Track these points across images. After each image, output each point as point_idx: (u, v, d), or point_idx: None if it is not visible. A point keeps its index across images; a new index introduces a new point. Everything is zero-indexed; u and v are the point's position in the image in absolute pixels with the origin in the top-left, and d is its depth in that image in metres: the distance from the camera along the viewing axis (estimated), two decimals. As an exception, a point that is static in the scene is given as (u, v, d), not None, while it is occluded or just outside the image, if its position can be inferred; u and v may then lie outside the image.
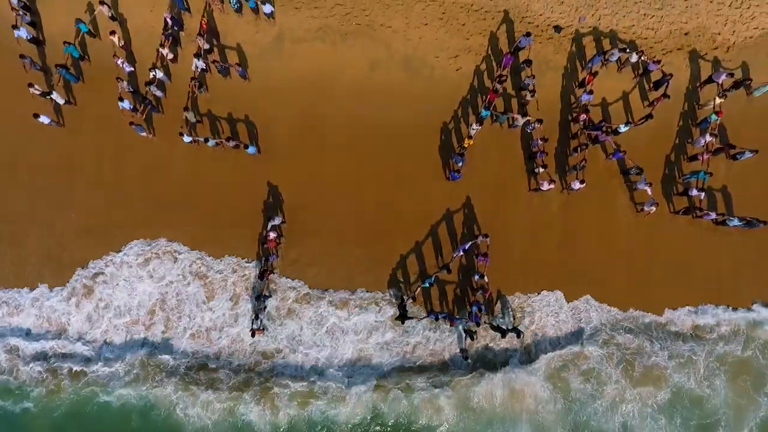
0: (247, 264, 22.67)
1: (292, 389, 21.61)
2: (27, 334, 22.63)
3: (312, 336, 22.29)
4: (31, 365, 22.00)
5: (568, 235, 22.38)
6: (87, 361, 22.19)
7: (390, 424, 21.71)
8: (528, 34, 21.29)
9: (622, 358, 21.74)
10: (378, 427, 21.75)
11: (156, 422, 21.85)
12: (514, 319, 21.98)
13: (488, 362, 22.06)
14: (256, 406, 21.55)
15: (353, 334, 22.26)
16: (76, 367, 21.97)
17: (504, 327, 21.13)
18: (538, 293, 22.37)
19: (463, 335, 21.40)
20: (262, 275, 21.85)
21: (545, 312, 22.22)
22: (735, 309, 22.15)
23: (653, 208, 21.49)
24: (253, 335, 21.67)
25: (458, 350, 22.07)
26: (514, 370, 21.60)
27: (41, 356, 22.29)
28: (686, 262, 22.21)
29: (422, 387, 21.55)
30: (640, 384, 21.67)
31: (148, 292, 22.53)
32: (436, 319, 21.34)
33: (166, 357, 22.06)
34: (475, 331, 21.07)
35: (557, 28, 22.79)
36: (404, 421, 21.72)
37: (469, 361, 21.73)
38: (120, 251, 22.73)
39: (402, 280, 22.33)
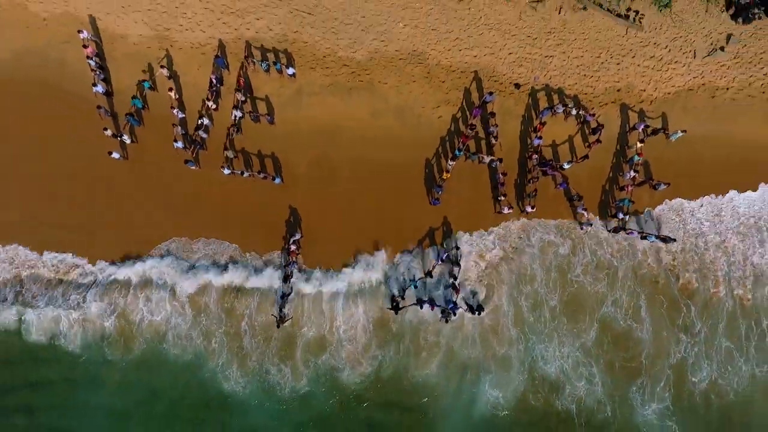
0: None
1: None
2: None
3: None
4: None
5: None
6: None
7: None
8: (491, 93, 27.63)
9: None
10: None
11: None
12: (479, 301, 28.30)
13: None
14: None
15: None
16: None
17: (472, 305, 27.69)
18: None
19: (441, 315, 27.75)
20: (286, 279, 28.16)
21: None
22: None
23: (589, 228, 27.82)
24: (278, 326, 27.95)
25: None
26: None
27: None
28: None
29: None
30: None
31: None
32: (421, 306, 27.52)
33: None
34: (449, 315, 27.38)
35: (517, 85, 28.99)
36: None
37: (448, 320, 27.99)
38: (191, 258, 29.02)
39: (396, 282, 28.60)
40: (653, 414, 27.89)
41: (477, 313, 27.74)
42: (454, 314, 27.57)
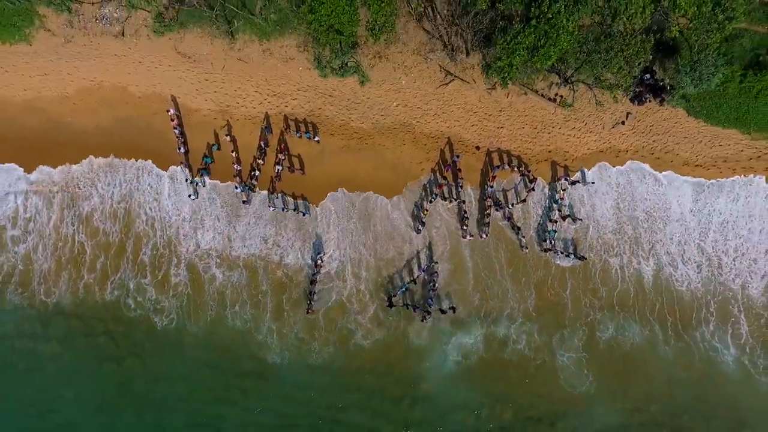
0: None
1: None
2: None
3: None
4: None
5: (484, 258, 40.48)
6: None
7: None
8: (458, 155, 39.43)
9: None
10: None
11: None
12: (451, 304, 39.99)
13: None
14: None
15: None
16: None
17: (444, 309, 39.28)
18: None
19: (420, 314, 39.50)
20: (312, 282, 39.94)
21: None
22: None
23: (526, 250, 39.62)
24: (307, 313, 39.79)
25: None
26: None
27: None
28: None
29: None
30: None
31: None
32: (407, 308, 39.31)
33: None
34: (428, 316, 39.10)
35: (477, 148, 40.65)
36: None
37: (426, 321, 39.67)
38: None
39: (390, 286, 40.33)
40: (569, 359, 39.84)
41: (451, 311, 39.38)
42: (429, 314, 39.28)
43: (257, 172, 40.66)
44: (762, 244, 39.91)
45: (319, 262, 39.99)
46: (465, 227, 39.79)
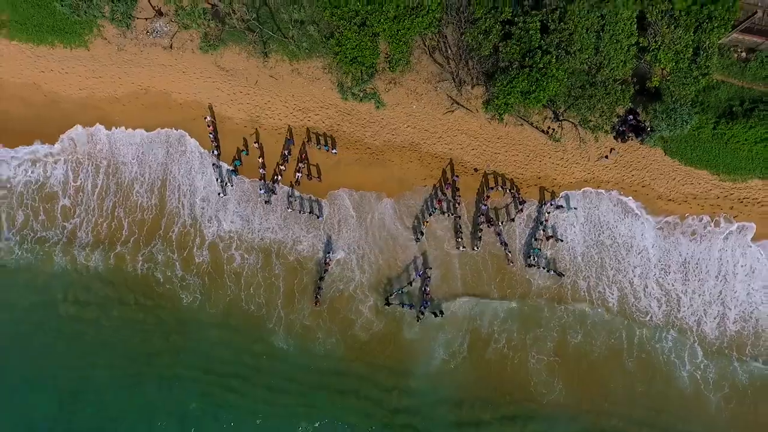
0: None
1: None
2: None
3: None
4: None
5: (470, 263, 45.62)
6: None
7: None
8: (457, 176, 44.56)
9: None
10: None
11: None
12: (441, 308, 45.13)
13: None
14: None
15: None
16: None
17: (437, 312, 44.46)
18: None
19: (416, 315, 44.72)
20: (321, 278, 45.28)
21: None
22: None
23: (512, 264, 44.73)
24: (315, 305, 45.13)
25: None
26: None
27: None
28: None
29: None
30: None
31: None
32: (402, 306, 44.57)
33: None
34: (422, 316, 44.31)
35: (475, 170, 45.75)
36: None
37: (420, 321, 44.84)
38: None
39: (389, 287, 45.56)
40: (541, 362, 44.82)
41: (440, 314, 44.61)
42: (423, 315, 44.48)
43: (279, 177, 46.06)
44: (716, 288, 44.48)
45: (328, 260, 45.34)
46: (459, 239, 44.94)
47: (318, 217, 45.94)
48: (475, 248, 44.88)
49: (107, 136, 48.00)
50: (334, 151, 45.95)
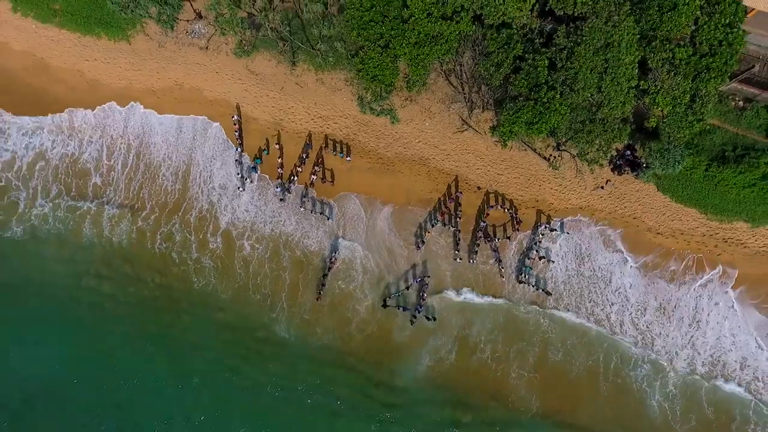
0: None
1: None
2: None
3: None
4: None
5: (464, 273, 48.77)
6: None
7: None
8: (461, 192, 47.70)
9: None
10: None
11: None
12: (434, 313, 48.31)
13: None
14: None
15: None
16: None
17: (429, 317, 47.66)
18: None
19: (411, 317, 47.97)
20: (325, 276, 48.67)
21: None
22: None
23: (503, 279, 47.82)
24: (317, 299, 48.51)
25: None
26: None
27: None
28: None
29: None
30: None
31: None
32: (398, 308, 47.81)
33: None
34: (415, 320, 47.54)
35: (479, 188, 48.89)
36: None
37: (413, 324, 48.00)
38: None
39: (387, 290, 48.83)
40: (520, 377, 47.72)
41: (432, 319, 47.83)
42: (416, 317, 47.73)
43: (295, 177, 49.52)
44: (688, 334, 47.12)
45: (333, 259, 48.74)
46: (457, 251, 48.11)
47: (328, 218, 49.32)
48: (471, 261, 48.02)
49: (142, 116, 51.54)
50: (348, 158, 49.31)
